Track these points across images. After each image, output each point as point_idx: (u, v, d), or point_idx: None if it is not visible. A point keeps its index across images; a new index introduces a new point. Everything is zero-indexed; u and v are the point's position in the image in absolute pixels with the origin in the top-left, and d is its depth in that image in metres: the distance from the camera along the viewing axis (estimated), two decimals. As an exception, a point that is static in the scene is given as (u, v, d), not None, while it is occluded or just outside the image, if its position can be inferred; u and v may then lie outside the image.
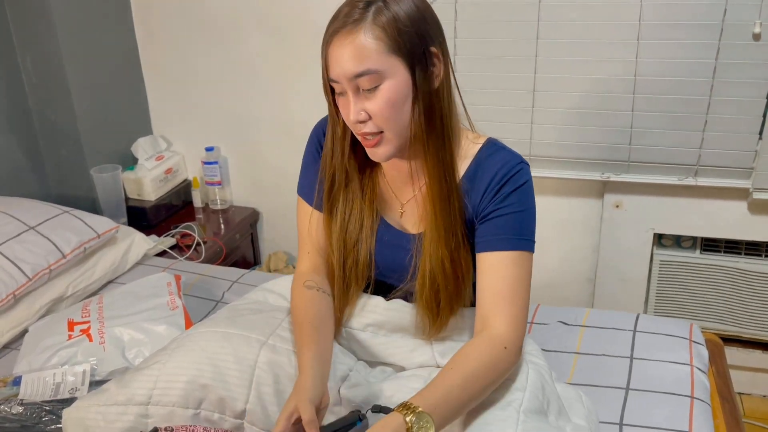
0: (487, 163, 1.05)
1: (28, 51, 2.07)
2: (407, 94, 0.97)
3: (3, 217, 1.70)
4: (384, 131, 1.00)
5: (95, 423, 1.06)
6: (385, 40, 0.94)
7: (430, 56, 0.98)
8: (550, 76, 1.91)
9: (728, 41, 1.74)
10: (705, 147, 1.85)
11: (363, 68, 0.94)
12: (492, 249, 1.03)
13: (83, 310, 1.49)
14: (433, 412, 0.91)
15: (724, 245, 1.98)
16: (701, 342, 1.44)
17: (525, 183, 1.04)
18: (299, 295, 1.13)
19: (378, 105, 0.97)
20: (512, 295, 1.02)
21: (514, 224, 1.03)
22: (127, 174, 2.27)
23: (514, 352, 1.02)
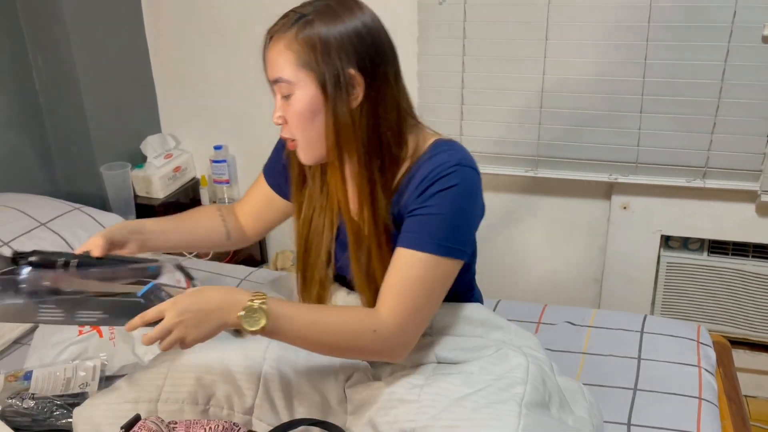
0: (425, 164, 1.03)
1: (39, 50, 2.09)
2: (317, 110, 1.00)
3: (14, 213, 1.72)
4: (297, 139, 1.04)
5: (105, 420, 1.07)
6: (300, 54, 0.98)
7: (346, 78, 0.99)
8: (559, 77, 1.91)
9: (737, 43, 1.74)
10: (713, 149, 1.85)
11: (277, 76, 1.01)
12: (406, 245, 1.02)
13: None
14: (275, 316, 0.95)
15: (732, 247, 1.98)
16: (709, 343, 1.44)
17: (454, 186, 1.01)
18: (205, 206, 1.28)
19: (289, 113, 1.02)
20: (406, 292, 1.00)
21: (429, 225, 1.01)
22: (136, 172, 2.28)
23: (381, 342, 1.00)
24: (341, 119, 1.00)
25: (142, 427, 0.89)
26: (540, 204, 2.12)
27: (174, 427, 0.95)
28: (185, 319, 0.92)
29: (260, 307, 0.94)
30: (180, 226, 1.27)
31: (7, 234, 1.63)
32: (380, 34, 1.02)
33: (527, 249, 2.18)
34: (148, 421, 0.90)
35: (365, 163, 1.02)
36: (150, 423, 0.90)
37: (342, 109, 1.00)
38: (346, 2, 1.01)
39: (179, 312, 0.92)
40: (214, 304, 0.94)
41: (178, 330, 0.92)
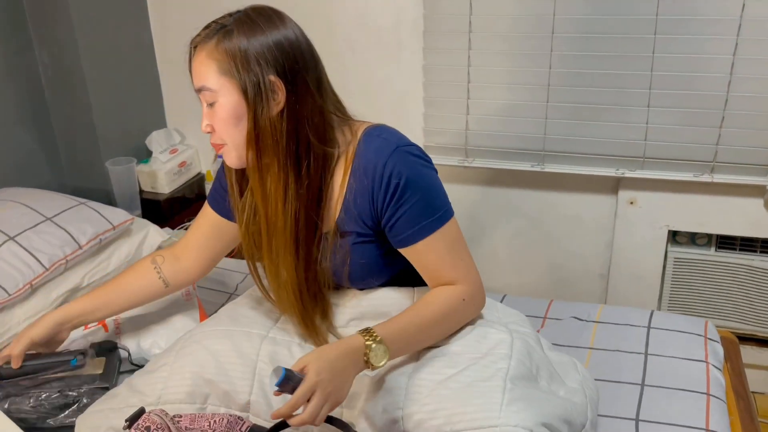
0: (364, 158, 1.06)
1: (45, 45, 2.09)
2: (241, 115, 1.03)
3: (20, 207, 1.72)
4: (224, 143, 1.07)
5: (107, 424, 1.08)
6: (221, 62, 1.02)
7: (266, 84, 1.01)
8: (565, 71, 1.90)
9: (746, 37, 1.72)
10: (721, 143, 1.83)
11: (201, 84, 1.05)
12: (412, 242, 1.07)
13: None
14: (390, 342, 0.99)
15: (740, 243, 1.97)
16: (716, 339, 1.43)
17: (407, 171, 1.04)
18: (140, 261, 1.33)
19: (215, 120, 1.05)
20: (456, 261, 1.09)
21: (419, 214, 1.06)
22: (141, 167, 2.28)
23: (472, 303, 1.10)
24: (261, 124, 1.03)
25: (147, 419, 0.89)
26: (546, 199, 2.11)
27: (179, 420, 0.95)
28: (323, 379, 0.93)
29: (377, 342, 0.98)
30: (111, 297, 1.30)
31: (14, 229, 1.63)
32: (300, 44, 1.05)
33: (533, 244, 2.17)
34: (152, 413, 0.90)
35: (283, 166, 1.04)
36: (154, 416, 0.90)
37: (264, 114, 1.02)
38: (266, 13, 1.05)
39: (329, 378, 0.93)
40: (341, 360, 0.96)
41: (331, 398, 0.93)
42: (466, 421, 0.95)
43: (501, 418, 0.93)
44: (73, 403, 1.23)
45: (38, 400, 1.23)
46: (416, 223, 1.06)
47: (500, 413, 0.94)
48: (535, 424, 0.93)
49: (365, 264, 1.12)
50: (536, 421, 0.94)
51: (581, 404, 1.07)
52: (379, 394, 1.04)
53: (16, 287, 1.52)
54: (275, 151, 1.04)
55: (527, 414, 0.94)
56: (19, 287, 1.53)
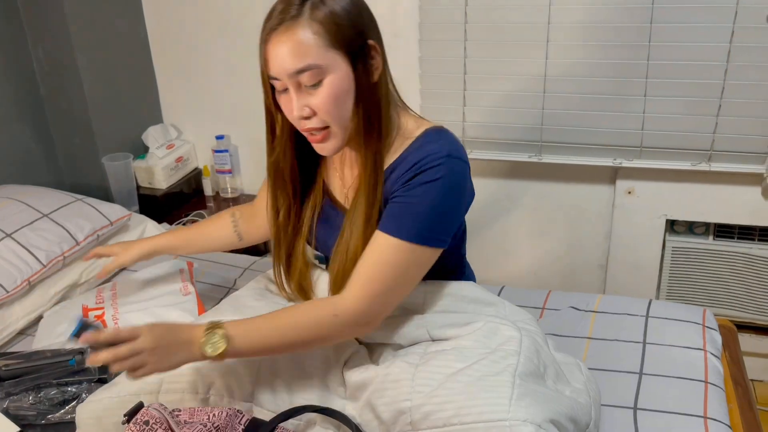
0: (416, 153, 1.03)
1: (39, 40, 2.08)
2: (349, 88, 0.98)
3: (17, 204, 1.72)
4: (329, 126, 1.00)
5: (108, 413, 1.08)
6: (324, 34, 0.95)
7: (368, 49, 0.99)
8: (562, 61, 1.89)
9: (742, 24, 1.72)
10: (719, 132, 1.83)
11: (304, 64, 0.95)
12: (383, 230, 1.02)
13: (97, 296, 1.50)
14: (233, 336, 0.98)
15: (738, 231, 1.97)
16: (714, 327, 1.43)
17: (440, 178, 1.00)
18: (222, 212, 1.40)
19: (321, 100, 0.97)
20: (378, 276, 1.01)
21: (410, 214, 1.01)
22: (138, 162, 2.28)
23: (345, 323, 1.02)
24: (371, 94, 0.99)
25: (145, 414, 0.89)
26: (544, 190, 2.11)
27: (177, 414, 0.95)
28: (157, 347, 0.94)
29: (218, 333, 0.97)
30: (192, 238, 1.39)
31: (11, 226, 1.63)
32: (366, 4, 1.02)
33: (531, 235, 2.17)
34: (150, 408, 0.90)
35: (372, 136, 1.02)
36: (153, 410, 0.90)
37: (369, 82, 0.99)
38: None
39: (154, 338, 0.94)
40: (183, 337, 0.97)
41: (145, 355, 0.93)
42: (475, 414, 0.95)
43: (510, 412, 0.93)
44: (72, 399, 1.24)
45: (37, 397, 1.23)
46: (402, 219, 1.01)
47: (509, 408, 0.94)
48: (543, 420, 0.94)
49: None
50: (544, 417, 0.94)
51: (586, 404, 1.07)
52: (386, 386, 1.03)
53: (14, 284, 1.52)
54: (372, 125, 1.00)
55: (535, 410, 0.94)
56: (17, 284, 1.53)
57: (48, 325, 1.45)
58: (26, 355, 1.33)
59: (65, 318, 1.44)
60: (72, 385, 1.25)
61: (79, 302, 1.49)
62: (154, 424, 0.89)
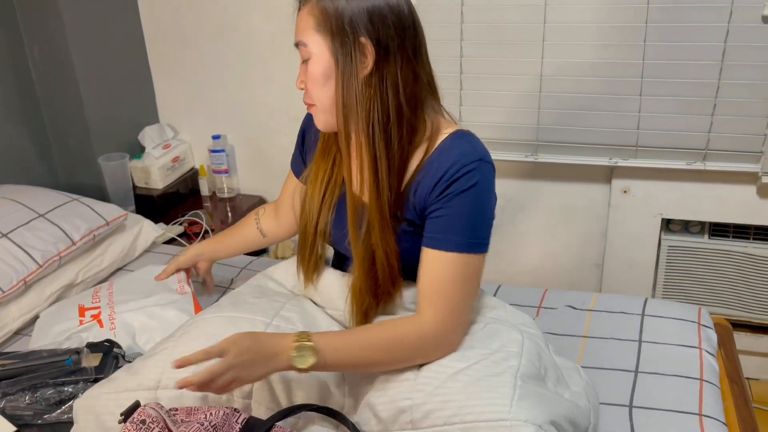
0: (445, 155, 1.04)
1: (35, 40, 2.08)
2: (329, 75, 1.04)
3: (13, 204, 1.71)
4: (315, 104, 1.08)
5: (106, 410, 1.08)
6: (317, 18, 1.03)
7: (356, 45, 1.01)
8: (558, 60, 1.90)
9: (737, 24, 1.72)
10: (714, 131, 1.84)
11: (298, 39, 1.06)
12: (433, 246, 1.04)
13: (93, 296, 1.50)
14: (322, 350, 0.99)
15: (733, 230, 1.98)
16: (710, 325, 1.44)
17: (475, 184, 1.02)
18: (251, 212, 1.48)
19: (307, 77, 1.06)
20: (443, 293, 1.04)
21: (460, 225, 1.03)
22: (134, 162, 2.28)
23: (428, 345, 1.04)
24: (347, 85, 1.03)
25: (142, 413, 0.89)
26: (540, 189, 2.11)
27: (175, 413, 0.95)
28: (244, 360, 0.95)
29: (307, 346, 0.98)
30: (226, 241, 1.51)
31: (7, 225, 1.63)
32: (402, 11, 1.03)
33: (528, 234, 2.18)
34: (147, 407, 0.90)
35: (369, 134, 1.03)
36: (149, 409, 0.90)
37: (350, 74, 1.02)
38: None
39: (240, 352, 0.95)
40: (269, 349, 0.98)
41: (235, 371, 0.95)
42: (476, 414, 0.95)
43: (511, 412, 0.93)
44: (69, 399, 1.23)
45: (34, 397, 1.23)
46: (446, 233, 1.03)
47: (510, 408, 0.94)
48: (543, 421, 0.94)
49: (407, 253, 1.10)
50: (545, 419, 0.94)
51: (585, 409, 1.07)
52: (388, 385, 1.04)
53: (9, 284, 1.52)
54: (360, 116, 1.03)
55: (537, 411, 0.95)
56: (12, 284, 1.52)
57: (44, 325, 1.45)
58: (23, 355, 1.33)
59: (62, 318, 1.44)
60: (68, 385, 1.25)
61: (76, 302, 1.49)
62: (151, 423, 0.89)
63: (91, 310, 1.44)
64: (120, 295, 1.48)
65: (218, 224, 2.20)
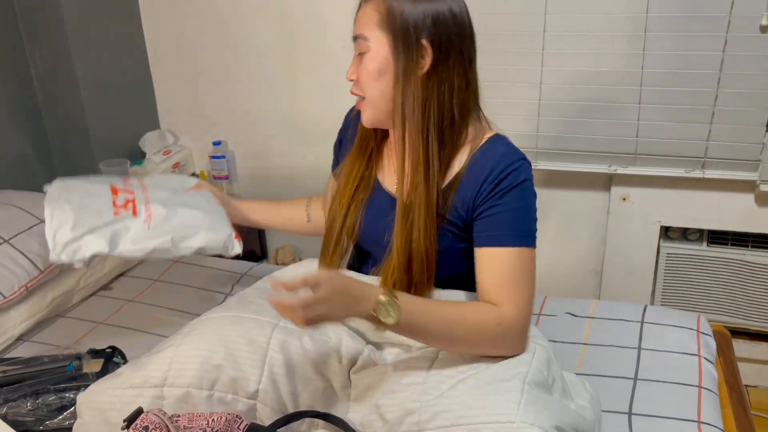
0: (487, 156, 1.09)
1: (36, 46, 2.09)
2: (385, 70, 1.07)
3: (14, 210, 1.72)
4: (365, 97, 1.11)
5: (111, 406, 1.08)
6: (383, 15, 1.06)
7: (417, 46, 1.05)
8: (557, 69, 1.91)
9: (735, 33, 1.74)
10: (712, 139, 1.85)
11: (358, 32, 1.09)
12: (494, 244, 1.07)
13: (125, 181, 1.34)
14: (407, 311, 0.98)
15: (731, 238, 1.99)
16: (709, 333, 1.44)
17: (524, 180, 1.08)
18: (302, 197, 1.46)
19: (361, 70, 1.09)
20: (515, 285, 1.06)
21: (514, 220, 1.07)
22: (135, 168, 2.28)
23: (505, 335, 1.04)
24: (404, 82, 1.06)
25: (145, 419, 0.90)
26: (540, 196, 2.10)
27: (177, 419, 0.95)
28: (335, 297, 0.93)
29: (395, 302, 0.97)
30: (267, 205, 1.46)
31: (9, 231, 1.63)
32: (463, 20, 1.08)
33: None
34: (150, 413, 0.90)
35: (423, 131, 1.07)
36: (152, 416, 0.90)
37: (407, 73, 1.06)
38: None
39: (333, 289, 0.93)
40: (357, 292, 0.96)
41: (325, 305, 0.92)
42: (485, 415, 0.96)
43: (519, 415, 0.94)
44: (71, 405, 1.24)
45: (35, 403, 1.23)
46: (501, 229, 1.06)
47: (518, 411, 0.95)
48: (550, 426, 0.94)
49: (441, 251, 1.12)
50: (551, 424, 0.95)
51: (591, 421, 1.08)
52: (396, 388, 1.04)
53: (11, 290, 1.52)
54: (416, 115, 1.06)
55: (544, 416, 0.95)
56: (14, 290, 1.53)
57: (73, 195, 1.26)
58: (24, 361, 1.33)
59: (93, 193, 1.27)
60: (70, 391, 1.25)
61: (107, 180, 1.33)
62: (154, 430, 0.89)
63: (126, 192, 1.28)
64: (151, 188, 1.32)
65: (218, 230, 2.21)
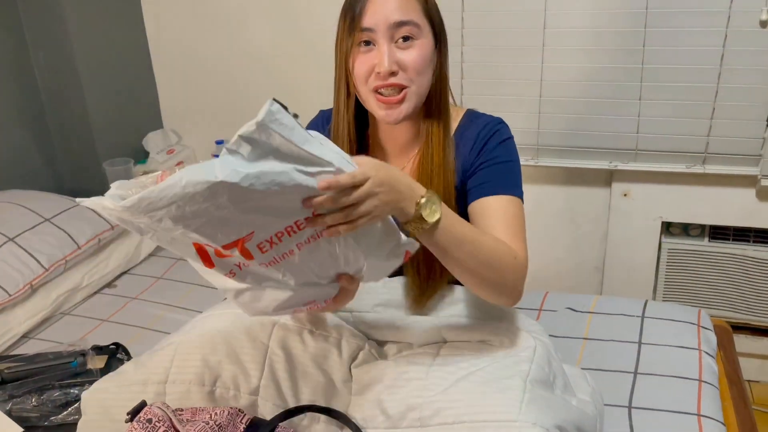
0: (471, 127, 1.14)
1: (40, 47, 2.10)
2: (432, 58, 1.07)
3: (19, 209, 1.73)
4: (410, 86, 1.04)
5: (114, 403, 1.09)
6: (423, 3, 1.05)
7: (444, 33, 1.09)
8: (558, 65, 1.91)
9: (735, 28, 1.74)
10: (713, 134, 1.85)
11: (408, 17, 1.02)
12: (490, 194, 1.10)
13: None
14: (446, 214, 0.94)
15: (733, 233, 1.99)
16: (709, 327, 1.45)
17: (508, 138, 1.13)
18: None
19: (413, 57, 1.03)
20: (517, 229, 1.10)
21: (504, 173, 1.11)
22: (138, 168, 2.29)
23: (518, 269, 1.06)
24: (442, 73, 1.09)
25: (148, 412, 0.91)
26: (541, 193, 2.13)
27: (180, 413, 0.96)
28: (382, 191, 0.86)
29: (437, 200, 0.92)
30: None
31: (13, 230, 1.65)
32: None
33: (528, 237, 2.18)
34: (153, 406, 0.91)
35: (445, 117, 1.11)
36: (155, 408, 0.91)
37: (443, 62, 1.09)
38: None
39: (380, 182, 0.86)
40: (404, 186, 0.90)
41: (372, 201, 0.85)
42: (487, 413, 0.96)
43: (521, 414, 0.94)
44: (75, 401, 1.25)
45: (40, 399, 1.25)
46: (498, 180, 1.10)
47: (519, 410, 0.95)
48: (551, 425, 0.95)
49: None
50: (553, 423, 0.95)
51: (592, 416, 1.08)
52: (400, 383, 1.05)
53: (16, 288, 1.54)
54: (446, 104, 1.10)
55: (545, 415, 0.96)
56: (19, 287, 1.54)
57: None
58: (29, 357, 1.34)
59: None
60: (74, 387, 1.27)
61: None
62: (157, 422, 0.90)
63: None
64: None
65: (221, 228, 2.22)
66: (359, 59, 1.04)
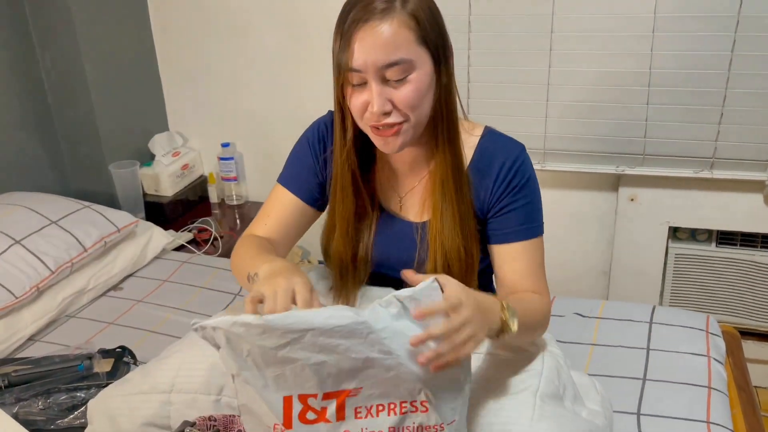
0: (491, 154, 1.09)
1: (47, 49, 2.10)
2: (431, 85, 0.99)
3: (26, 211, 1.73)
4: (406, 121, 0.99)
5: (120, 411, 1.09)
6: (416, 30, 0.95)
7: (448, 49, 1.02)
8: (565, 69, 1.91)
9: (744, 33, 1.73)
10: (721, 139, 1.84)
11: (396, 58, 0.93)
12: (515, 240, 1.09)
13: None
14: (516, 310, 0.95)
15: (740, 238, 1.98)
16: (718, 333, 1.44)
17: (531, 174, 1.10)
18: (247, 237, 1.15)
19: (405, 94, 0.96)
20: (540, 272, 1.10)
21: (527, 215, 1.09)
22: (144, 170, 2.30)
23: (548, 315, 1.09)
24: (447, 92, 1.02)
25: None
26: (547, 197, 2.10)
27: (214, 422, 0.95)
28: (477, 313, 0.84)
29: (513, 308, 0.93)
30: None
31: (20, 232, 1.65)
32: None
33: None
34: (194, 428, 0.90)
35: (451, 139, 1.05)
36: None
37: (447, 81, 1.01)
38: None
39: (475, 306, 0.83)
40: (484, 303, 0.88)
41: (472, 327, 0.82)
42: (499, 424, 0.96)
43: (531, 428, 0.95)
44: (81, 404, 1.25)
45: (47, 403, 1.25)
46: (522, 224, 1.08)
47: (530, 426, 0.95)
48: None
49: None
50: None
51: (603, 427, 1.07)
52: None
53: (22, 290, 1.54)
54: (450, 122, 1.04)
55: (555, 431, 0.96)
56: (25, 290, 1.54)
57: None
58: (36, 360, 1.34)
59: None
60: (81, 390, 1.27)
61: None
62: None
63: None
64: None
65: (227, 231, 2.22)
66: (354, 96, 0.99)
